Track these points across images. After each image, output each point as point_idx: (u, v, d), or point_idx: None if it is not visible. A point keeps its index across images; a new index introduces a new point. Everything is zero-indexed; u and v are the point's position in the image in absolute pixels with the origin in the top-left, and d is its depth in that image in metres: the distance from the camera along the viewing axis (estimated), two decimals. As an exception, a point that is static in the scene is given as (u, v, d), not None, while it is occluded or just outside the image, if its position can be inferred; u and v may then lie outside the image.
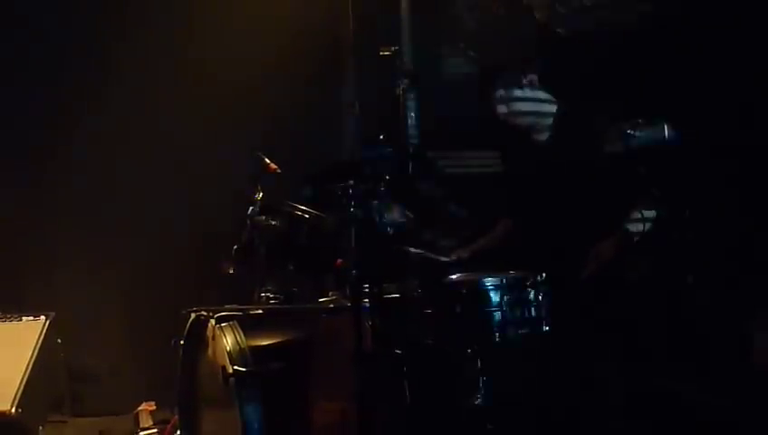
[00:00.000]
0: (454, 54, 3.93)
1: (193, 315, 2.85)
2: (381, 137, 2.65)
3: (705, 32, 2.74)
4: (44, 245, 4.12)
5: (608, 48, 2.92)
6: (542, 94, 2.93)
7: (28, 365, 3.48)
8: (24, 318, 3.66)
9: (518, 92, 2.91)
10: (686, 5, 2.76)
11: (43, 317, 3.65)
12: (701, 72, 2.72)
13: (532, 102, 2.92)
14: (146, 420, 3.68)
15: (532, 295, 2.56)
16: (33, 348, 3.54)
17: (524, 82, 2.91)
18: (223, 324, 2.70)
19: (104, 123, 4.09)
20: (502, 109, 2.95)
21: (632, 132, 2.63)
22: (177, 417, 3.03)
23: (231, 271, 3.02)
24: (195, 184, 4.06)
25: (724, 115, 2.65)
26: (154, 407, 3.74)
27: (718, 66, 2.69)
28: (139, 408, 3.74)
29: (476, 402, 2.51)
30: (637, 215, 2.67)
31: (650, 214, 2.63)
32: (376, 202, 2.53)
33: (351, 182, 2.52)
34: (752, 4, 2.65)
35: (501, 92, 2.94)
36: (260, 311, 2.85)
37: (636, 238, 2.67)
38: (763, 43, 2.62)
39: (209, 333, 2.75)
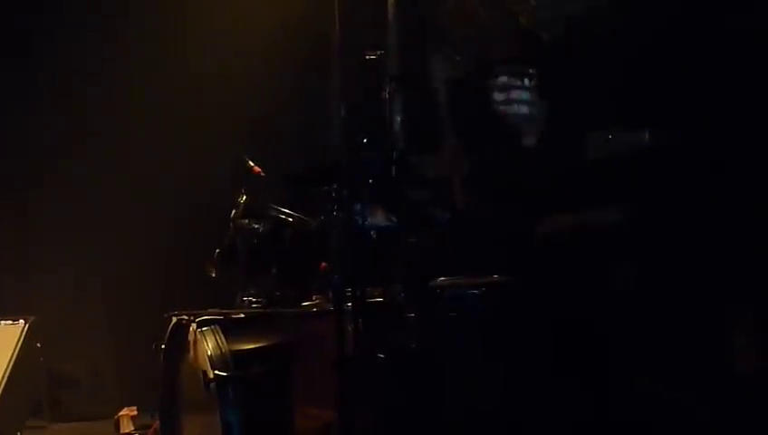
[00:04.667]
0: (439, 59, 3.93)
1: (174, 319, 2.83)
2: (365, 140, 2.64)
3: (690, 39, 2.76)
4: (24, 247, 4.09)
5: (590, 54, 2.93)
6: (534, 97, 2.94)
7: (6, 370, 3.45)
8: (2, 322, 3.62)
9: (518, 93, 2.92)
10: (670, 12, 2.78)
11: (22, 321, 3.62)
12: (685, 79, 2.74)
13: (528, 105, 2.94)
14: (126, 426, 3.65)
15: (514, 300, 2.57)
16: (11, 352, 3.51)
17: (526, 82, 2.92)
18: (204, 329, 2.67)
19: (85, 124, 4.07)
20: (500, 108, 2.96)
21: (613, 138, 2.64)
22: (158, 422, 3.00)
23: (213, 275, 3.00)
24: (177, 186, 4.04)
25: (707, 121, 2.67)
26: (135, 412, 3.71)
27: (702, 73, 2.71)
28: (120, 413, 3.71)
29: (458, 407, 2.50)
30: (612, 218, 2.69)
31: (627, 218, 2.65)
32: (359, 206, 2.52)
33: (335, 186, 2.51)
34: (736, 13, 2.68)
35: (501, 91, 2.95)
36: (242, 315, 2.83)
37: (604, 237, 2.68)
38: (747, 51, 2.64)
39: (191, 337, 2.73)
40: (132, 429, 3.63)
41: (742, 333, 2.56)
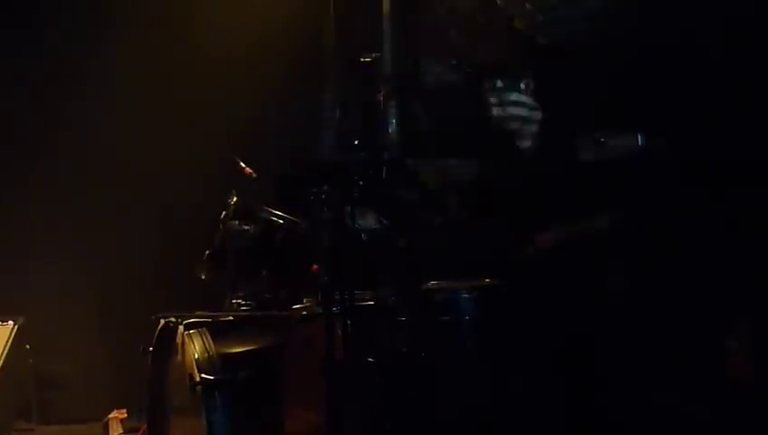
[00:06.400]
0: (435, 62, 3.91)
1: (162, 321, 2.80)
2: (356, 142, 2.62)
3: (683, 43, 2.75)
4: (14, 248, 4.06)
5: (586, 57, 2.92)
6: (531, 100, 2.93)
7: (-5, 371, 3.42)
8: (-9, 323, 3.60)
9: (515, 96, 2.91)
10: (664, 16, 2.77)
11: (11, 322, 3.60)
12: (677, 82, 2.72)
13: (524, 108, 2.92)
14: (115, 428, 3.62)
15: (505, 304, 2.54)
16: (0, 353, 3.48)
17: (522, 86, 2.91)
18: (191, 331, 2.64)
19: (76, 125, 4.05)
20: (497, 111, 2.95)
21: (605, 141, 2.63)
22: (145, 425, 2.96)
23: (203, 276, 2.98)
24: (167, 187, 4.01)
25: (699, 125, 2.66)
26: (125, 414, 3.68)
27: (695, 77, 2.70)
28: (110, 415, 3.68)
29: (449, 412, 2.47)
30: (605, 223, 2.67)
31: (620, 224, 2.64)
32: (350, 208, 2.49)
33: (326, 187, 2.48)
34: (728, 19, 2.67)
35: (497, 94, 2.93)
36: (230, 317, 2.80)
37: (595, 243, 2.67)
38: (738, 56, 2.63)
39: (178, 339, 2.70)
40: (121, 431, 3.61)
41: (734, 338, 2.54)
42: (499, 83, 2.97)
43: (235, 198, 2.97)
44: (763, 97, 2.57)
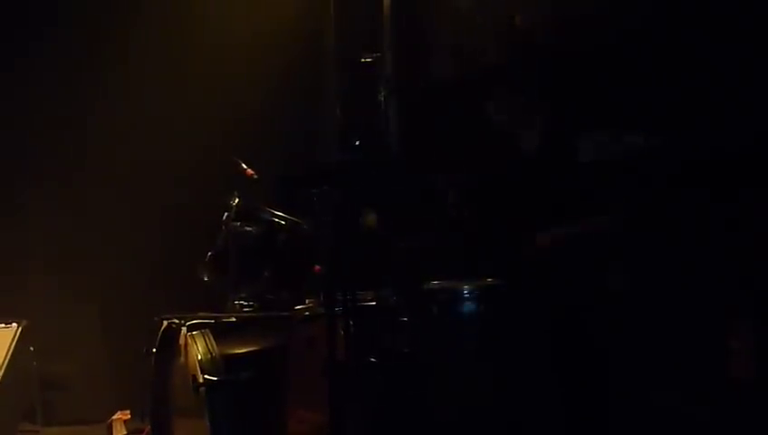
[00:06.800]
0: (435, 62, 3.92)
1: (165, 323, 2.81)
2: (357, 142, 2.63)
3: (683, 42, 2.75)
4: (17, 251, 4.06)
5: (585, 57, 2.93)
6: (533, 102, 2.94)
7: (-1, 373, 3.42)
8: (-5, 325, 3.60)
9: (516, 99, 2.92)
10: (664, 16, 2.77)
11: (15, 324, 3.60)
12: (677, 82, 2.73)
13: (524, 108, 2.93)
14: (119, 430, 3.62)
15: (506, 304, 2.55)
16: (4, 356, 3.49)
17: (522, 89, 2.92)
18: (194, 332, 2.66)
19: (75, 128, 4.05)
20: (499, 115, 2.95)
21: (607, 141, 2.63)
22: (149, 426, 2.97)
23: (205, 278, 2.98)
24: (169, 189, 4.02)
25: (700, 124, 2.66)
26: (128, 416, 3.68)
27: (695, 76, 2.70)
28: (114, 417, 3.69)
29: (449, 411, 2.48)
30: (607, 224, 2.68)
31: (621, 222, 2.64)
32: (351, 208, 2.50)
33: (326, 187, 2.49)
34: (728, 18, 2.67)
35: (500, 99, 2.94)
36: (233, 318, 2.81)
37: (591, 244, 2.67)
38: (738, 54, 2.63)
39: (181, 340, 2.71)
40: (125, 432, 3.61)
41: (735, 338, 2.54)
42: (497, 84, 2.97)
43: (237, 200, 2.97)
44: (763, 96, 2.57)
